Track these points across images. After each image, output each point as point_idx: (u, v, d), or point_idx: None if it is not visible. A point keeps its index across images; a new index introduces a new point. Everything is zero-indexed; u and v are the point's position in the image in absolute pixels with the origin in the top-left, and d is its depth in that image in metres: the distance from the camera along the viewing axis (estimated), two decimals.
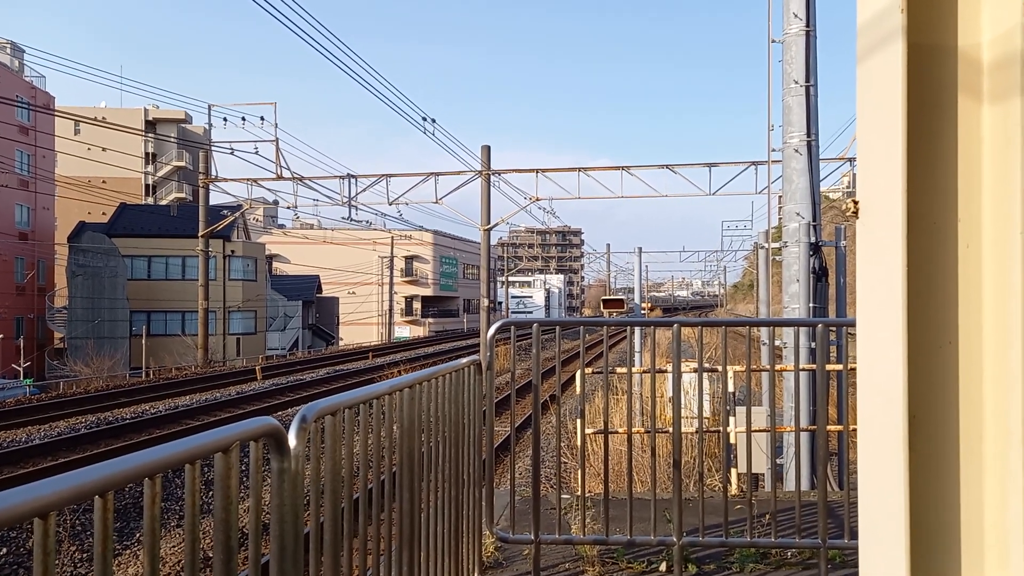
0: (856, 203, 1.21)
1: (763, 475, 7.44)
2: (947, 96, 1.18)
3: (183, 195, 56.71)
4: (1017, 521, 1.15)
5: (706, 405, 6.90)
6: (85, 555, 8.28)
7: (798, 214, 7.51)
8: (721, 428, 4.47)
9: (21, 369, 33.02)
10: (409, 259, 67.99)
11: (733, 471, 5.96)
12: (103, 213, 44.09)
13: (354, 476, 2.29)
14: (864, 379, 1.21)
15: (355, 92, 68.75)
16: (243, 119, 28.11)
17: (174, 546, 8.53)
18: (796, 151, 7.54)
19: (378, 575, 2.53)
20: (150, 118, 58.74)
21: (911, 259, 1.14)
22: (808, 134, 7.50)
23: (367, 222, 32.35)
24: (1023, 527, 1.20)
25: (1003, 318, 1.14)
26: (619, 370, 6.55)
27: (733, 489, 5.60)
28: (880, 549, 1.18)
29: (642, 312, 15.47)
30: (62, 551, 8.16)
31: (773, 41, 7.89)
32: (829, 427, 4.23)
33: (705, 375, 4.34)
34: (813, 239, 7.48)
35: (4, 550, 8.42)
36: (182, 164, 58.14)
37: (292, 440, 1.84)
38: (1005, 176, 1.14)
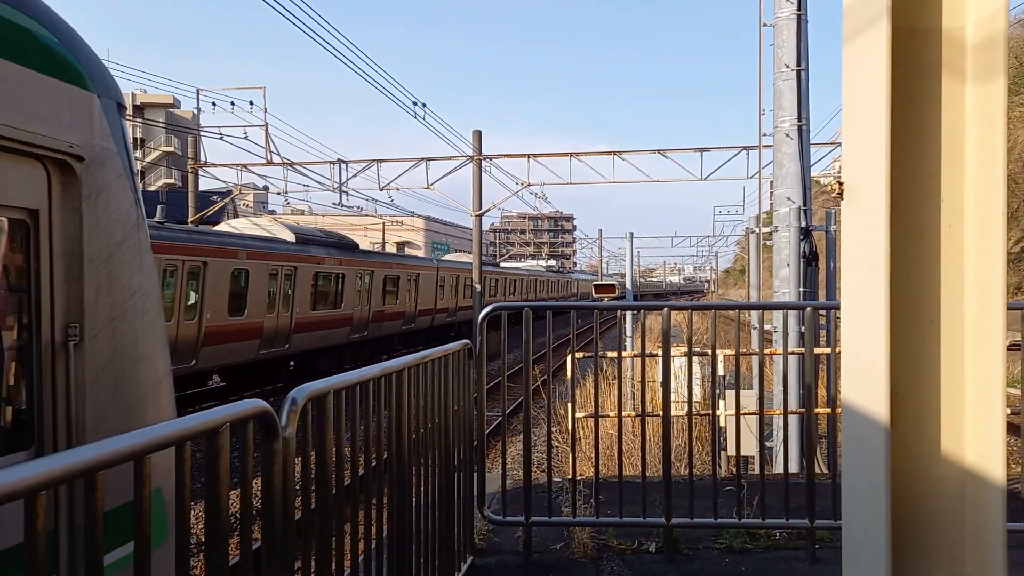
0: (841, 184, 1.22)
1: (752, 457, 7.51)
2: (931, 77, 1.18)
3: (172, 181, 56.19)
4: (996, 497, 1.17)
5: (696, 389, 6.95)
6: None
7: (789, 199, 7.54)
8: (711, 411, 4.50)
9: None
10: (400, 245, 67.76)
11: (723, 454, 6.01)
12: None
13: (345, 459, 2.30)
14: (848, 357, 1.23)
15: (346, 77, 68.77)
16: (232, 104, 27.89)
17: None
18: (787, 136, 7.54)
19: (370, 558, 2.54)
20: (138, 102, 58.14)
21: (895, 239, 1.14)
22: (799, 119, 7.51)
23: (358, 208, 32.17)
24: (1001, 503, 1.22)
25: (985, 297, 1.15)
26: (610, 354, 6.58)
27: (722, 471, 5.64)
28: (862, 524, 1.19)
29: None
30: None
31: (764, 25, 7.88)
32: (817, 410, 4.27)
33: (695, 359, 4.36)
34: (803, 224, 7.51)
35: None
36: (170, 149, 57.59)
37: (283, 422, 1.85)
38: (987, 157, 1.15)
